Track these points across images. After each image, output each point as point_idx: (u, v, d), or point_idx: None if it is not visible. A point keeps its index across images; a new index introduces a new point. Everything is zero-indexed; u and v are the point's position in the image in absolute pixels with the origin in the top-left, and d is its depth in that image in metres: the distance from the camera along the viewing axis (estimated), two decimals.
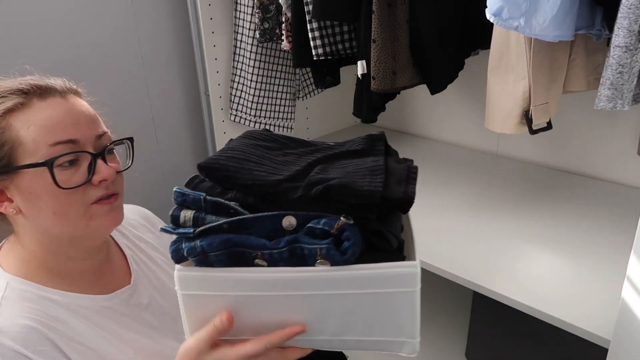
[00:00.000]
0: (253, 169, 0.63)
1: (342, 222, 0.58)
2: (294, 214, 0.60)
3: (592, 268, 0.95)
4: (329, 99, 1.72)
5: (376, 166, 0.64)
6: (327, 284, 0.61)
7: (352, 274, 0.60)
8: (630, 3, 0.71)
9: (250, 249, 0.60)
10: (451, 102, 1.59)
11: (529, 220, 1.13)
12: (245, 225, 0.60)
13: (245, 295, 0.62)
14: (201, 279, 0.62)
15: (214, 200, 0.61)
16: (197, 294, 0.63)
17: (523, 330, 1.20)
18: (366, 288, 0.61)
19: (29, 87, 0.68)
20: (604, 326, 0.78)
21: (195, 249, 0.59)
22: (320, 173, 0.63)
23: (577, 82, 1.00)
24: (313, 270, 0.60)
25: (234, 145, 0.69)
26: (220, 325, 0.61)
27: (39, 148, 0.66)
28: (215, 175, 0.63)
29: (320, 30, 1.25)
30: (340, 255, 0.59)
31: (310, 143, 0.77)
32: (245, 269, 0.60)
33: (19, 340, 0.63)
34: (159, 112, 1.53)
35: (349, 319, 0.64)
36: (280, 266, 0.60)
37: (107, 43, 1.38)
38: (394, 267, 0.60)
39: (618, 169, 1.30)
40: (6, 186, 0.68)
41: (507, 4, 0.78)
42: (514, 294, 0.88)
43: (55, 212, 0.68)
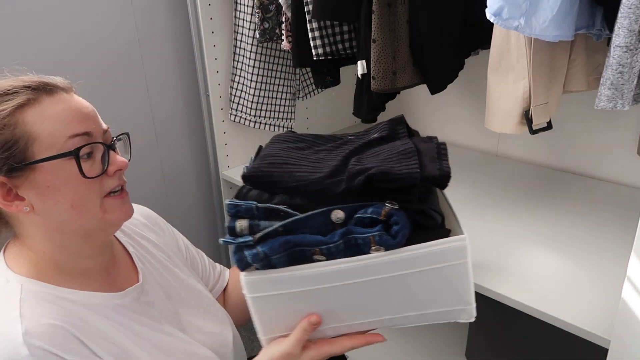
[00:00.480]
0: (294, 171, 0.67)
1: (388, 208, 0.62)
2: (341, 207, 0.64)
3: (592, 268, 0.95)
4: (329, 99, 1.72)
5: (407, 149, 0.68)
6: (385, 268, 0.65)
7: (406, 255, 0.64)
8: (630, 3, 0.71)
9: (308, 246, 0.64)
10: (451, 102, 1.59)
11: (529, 220, 1.13)
12: (299, 225, 0.65)
13: (310, 289, 0.66)
14: (267, 280, 0.66)
15: (265, 207, 0.66)
16: (264, 295, 0.67)
17: (523, 330, 1.20)
18: (421, 266, 0.65)
19: (35, 83, 0.68)
20: (604, 326, 0.78)
21: (258, 255, 0.64)
22: (358, 164, 0.66)
23: (577, 82, 1.00)
24: (370, 257, 0.64)
25: (269, 151, 0.73)
26: (309, 327, 0.69)
27: (56, 141, 0.67)
28: (260, 182, 0.67)
29: (320, 30, 1.25)
30: (392, 239, 0.63)
31: (336, 137, 0.81)
32: (307, 265, 0.65)
33: (47, 339, 0.63)
34: (159, 112, 1.53)
35: (409, 296, 0.68)
36: (337, 258, 0.64)
37: (107, 43, 1.38)
38: (445, 243, 0.64)
39: (618, 169, 1.30)
40: (18, 184, 0.67)
41: (507, 4, 0.78)
42: (514, 294, 0.88)
43: (73, 204, 0.69)
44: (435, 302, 0.70)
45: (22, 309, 0.64)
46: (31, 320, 0.63)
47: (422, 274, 0.66)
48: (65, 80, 0.73)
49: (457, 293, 0.69)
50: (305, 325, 0.69)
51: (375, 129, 0.80)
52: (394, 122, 0.81)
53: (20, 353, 0.60)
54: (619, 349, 0.72)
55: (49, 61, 1.28)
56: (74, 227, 0.71)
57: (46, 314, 0.66)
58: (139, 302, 0.78)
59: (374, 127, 0.81)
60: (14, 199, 0.68)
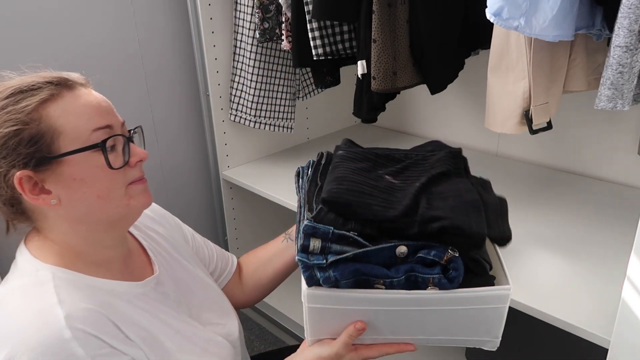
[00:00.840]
0: (371, 203, 0.73)
1: (450, 254, 0.69)
2: (406, 244, 0.71)
3: (592, 268, 0.95)
4: (329, 99, 1.72)
5: (474, 201, 0.74)
6: (435, 303, 0.73)
7: (457, 296, 0.72)
8: (630, 3, 0.71)
9: (374, 277, 0.71)
10: (451, 102, 1.59)
11: (529, 220, 1.13)
12: (368, 255, 0.71)
13: (364, 309, 0.74)
14: (328, 297, 0.73)
15: (339, 233, 0.71)
16: (321, 307, 0.74)
17: (523, 330, 1.20)
18: (466, 305, 0.73)
19: (56, 79, 0.70)
20: (604, 326, 0.78)
21: (329, 279, 0.71)
22: (430, 209, 0.72)
23: (577, 82, 1.00)
24: (425, 293, 0.71)
25: (342, 173, 0.80)
26: (355, 333, 0.75)
27: (81, 135, 0.69)
28: (339, 209, 0.73)
29: (320, 30, 1.25)
30: (448, 283, 0.70)
31: (394, 157, 0.88)
32: (368, 290, 0.72)
33: (88, 323, 0.65)
34: (159, 112, 1.53)
35: (447, 326, 0.76)
36: (395, 289, 0.72)
37: (107, 43, 1.38)
38: (493, 290, 0.72)
39: (618, 169, 1.30)
40: (44, 178, 0.69)
41: (507, 4, 0.78)
42: (514, 294, 0.88)
43: (99, 195, 0.71)
44: (469, 332, 0.77)
45: (59, 294, 0.66)
46: (71, 305, 0.66)
47: (465, 311, 0.73)
48: (82, 75, 0.75)
49: (490, 328, 0.76)
50: (352, 330, 0.75)
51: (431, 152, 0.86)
52: (453, 155, 0.86)
53: (63, 336, 0.63)
54: (619, 349, 0.72)
55: (49, 61, 1.28)
56: (99, 217, 0.74)
57: (82, 299, 0.68)
58: (156, 292, 0.81)
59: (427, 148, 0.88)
60: (40, 192, 0.69)
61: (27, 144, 0.67)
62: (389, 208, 0.73)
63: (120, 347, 0.68)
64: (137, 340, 0.71)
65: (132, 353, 0.69)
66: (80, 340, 0.63)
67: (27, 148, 0.67)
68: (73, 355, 0.63)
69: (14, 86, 0.69)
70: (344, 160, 0.84)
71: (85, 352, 0.64)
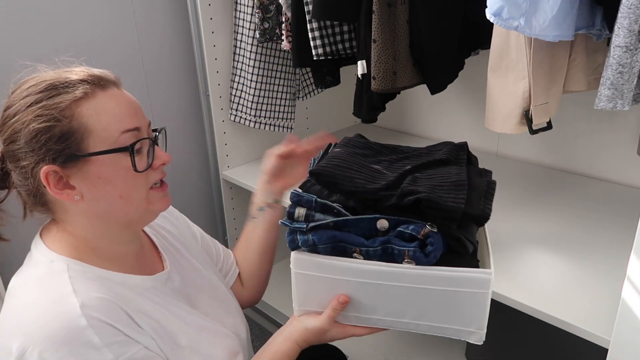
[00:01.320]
0: (354, 177, 0.77)
1: (427, 229, 0.70)
2: (387, 217, 0.73)
3: (592, 268, 0.95)
4: (329, 99, 1.72)
5: (460, 181, 0.75)
6: (411, 279, 0.73)
7: (433, 273, 0.72)
8: (630, 3, 0.71)
9: (351, 245, 0.74)
10: (451, 102, 1.59)
11: (529, 220, 1.13)
12: (348, 224, 0.74)
13: (344, 279, 0.76)
14: (310, 262, 0.77)
15: (323, 202, 0.75)
16: (306, 273, 0.78)
17: (523, 330, 1.20)
18: (444, 286, 0.73)
19: (91, 77, 0.71)
20: (604, 326, 0.78)
21: (307, 241, 0.75)
22: (411, 184, 0.74)
23: (577, 82, 1.00)
24: (401, 266, 0.73)
25: (337, 153, 0.84)
26: (339, 306, 0.78)
27: (110, 135, 0.70)
28: (323, 180, 0.77)
29: (320, 30, 1.25)
30: (424, 258, 0.71)
31: (400, 149, 0.91)
32: (346, 259, 0.75)
33: (103, 312, 0.67)
34: (159, 112, 1.53)
35: (427, 308, 0.76)
36: (373, 260, 0.74)
37: (107, 43, 1.38)
38: (472, 272, 0.71)
39: (618, 169, 1.30)
40: (70, 174, 0.70)
41: (507, 4, 0.78)
42: (514, 294, 0.88)
43: (121, 195, 0.73)
44: (450, 319, 0.77)
45: (74, 284, 0.68)
46: (85, 294, 0.67)
47: (444, 292, 0.73)
48: (114, 74, 0.77)
49: (472, 317, 0.76)
50: (335, 304, 0.79)
51: (437, 149, 0.88)
52: (457, 147, 0.88)
53: (79, 324, 0.64)
54: (619, 349, 0.72)
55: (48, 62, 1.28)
56: (118, 216, 0.75)
57: (96, 289, 0.69)
58: (166, 286, 0.82)
59: (438, 146, 0.90)
60: (65, 187, 0.71)
61: (57, 141, 0.68)
62: (372, 182, 0.76)
63: (134, 336, 0.69)
64: (149, 330, 0.72)
65: (144, 342, 0.71)
66: (95, 328, 0.65)
67: (57, 144, 0.68)
68: (89, 342, 0.64)
69: (49, 81, 0.70)
70: (343, 146, 0.89)
71: (101, 340, 0.65)
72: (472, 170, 0.85)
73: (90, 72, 0.73)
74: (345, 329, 0.82)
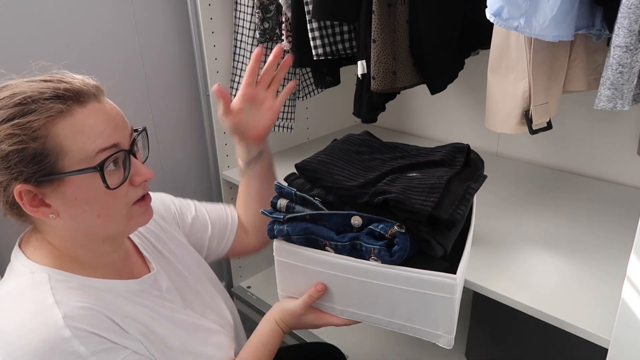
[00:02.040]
0: (335, 173, 0.80)
1: (394, 229, 0.72)
2: (361, 215, 0.75)
3: (592, 268, 0.95)
4: (329, 99, 1.72)
5: (437, 184, 0.76)
6: (378, 276, 0.76)
7: (397, 273, 0.74)
8: (630, 3, 0.71)
9: (322, 238, 0.77)
10: (451, 102, 1.59)
11: (529, 220, 1.13)
12: (322, 218, 0.77)
13: (318, 270, 0.80)
14: (288, 250, 0.81)
15: (302, 196, 0.79)
16: (285, 261, 0.83)
17: (523, 330, 1.20)
18: (409, 286, 0.75)
19: (66, 92, 0.67)
20: (604, 326, 0.78)
21: (282, 231, 0.79)
22: (387, 184, 0.76)
23: (577, 82, 1.00)
24: (367, 263, 0.75)
25: (329, 149, 0.88)
26: (315, 294, 0.82)
27: (86, 155, 0.67)
28: (305, 174, 0.82)
29: (320, 30, 1.25)
30: (389, 257, 0.73)
31: (401, 148, 0.93)
32: (319, 251, 0.79)
33: (86, 321, 0.66)
34: (159, 112, 1.53)
35: (395, 306, 0.78)
36: (343, 255, 0.77)
37: (107, 43, 1.38)
38: (434, 275, 0.72)
39: (618, 169, 1.30)
40: (45, 192, 0.67)
41: (507, 4, 0.78)
42: (514, 294, 0.88)
43: (100, 214, 0.71)
44: (418, 320, 0.78)
45: (56, 295, 0.66)
46: (67, 305, 0.66)
47: (410, 292, 0.75)
48: (94, 81, 0.72)
49: (439, 320, 0.77)
50: (312, 291, 0.82)
51: (440, 149, 0.90)
52: (455, 150, 0.89)
53: (63, 335, 0.63)
54: (619, 349, 0.72)
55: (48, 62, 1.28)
56: (97, 232, 0.73)
57: (78, 299, 0.68)
58: (154, 288, 0.82)
59: (443, 147, 0.91)
60: (40, 204, 0.68)
61: (29, 162, 0.65)
62: (351, 180, 0.79)
63: (121, 342, 0.69)
64: (137, 334, 0.71)
65: (132, 346, 0.70)
66: (80, 338, 0.64)
67: (29, 166, 0.65)
68: (75, 353, 0.63)
69: (23, 94, 0.65)
70: (339, 142, 0.92)
71: (87, 349, 0.64)
72: (464, 173, 0.85)
73: (68, 84, 0.68)
74: (322, 316, 0.86)
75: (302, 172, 0.82)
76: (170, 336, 0.77)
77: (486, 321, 1.29)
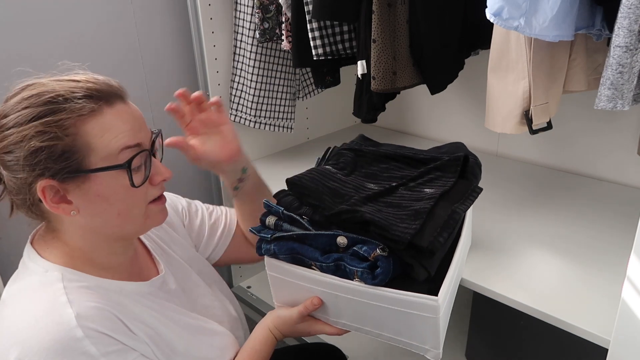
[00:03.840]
0: (324, 192, 0.82)
1: (377, 253, 0.73)
2: (346, 235, 0.77)
3: (592, 268, 0.95)
4: (329, 99, 1.72)
5: (421, 210, 0.78)
6: (363, 295, 0.77)
7: (381, 293, 0.75)
8: (630, 3, 0.71)
9: (308, 259, 0.79)
10: (451, 102, 1.59)
11: (529, 220, 1.13)
12: (309, 238, 0.79)
13: (308, 287, 0.83)
14: (278, 267, 0.84)
15: (289, 214, 0.81)
16: (277, 276, 0.85)
17: (523, 330, 1.20)
18: (393, 305, 0.76)
19: (96, 93, 0.69)
20: (604, 326, 0.78)
21: (269, 250, 0.81)
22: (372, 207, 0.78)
23: (577, 82, 1.00)
24: (351, 283, 0.77)
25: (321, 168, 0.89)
26: (310, 306, 0.84)
27: (111, 153, 0.69)
28: (295, 190, 0.83)
29: (320, 30, 1.25)
30: (371, 280, 0.75)
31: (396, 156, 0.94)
32: (305, 269, 0.81)
33: (98, 321, 0.66)
34: (159, 112, 1.52)
35: (383, 322, 0.80)
36: (328, 274, 0.79)
37: (107, 42, 1.38)
38: (416, 297, 0.74)
39: (618, 169, 1.30)
40: (67, 189, 0.68)
41: (507, 4, 0.78)
42: (514, 294, 0.88)
43: (119, 212, 0.72)
44: (406, 335, 0.80)
45: (68, 294, 0.67)
46: (80, 304, 0.66)
47: (394, 311, 0.76)
48: (118, 83, 0.74)
49: (425, 336, 0.78)
50: (308, 303, 0.84)
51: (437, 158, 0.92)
52: (452, 161, 0.90)
53: (75, 335, 0.63)
54: (619, 349, 0.72)
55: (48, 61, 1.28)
56: (113, 231, 0.74)
57: (90, 299, 0.68)
58: (162, 290, 0.82)
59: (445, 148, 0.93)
60: (61, 201, 0.69)
61: (58, 158, 0.66)
62: (340, 199, 0.82)
63: (130, 343, 0.69)
64: (144, 337, 0.72)
65: (140, 349, 0.70)
66: (92, 339, 0.64)
67: (57, 162, 0.66)
68: (86, 353, 0.64)
69: (52, 93, 0.67)
70: (333, 157, 0.95)
71: (98, 350, 0.64)
72: (455, 190, 0.85)
73: (96, 84, 0.70)
74: (316, 324, 0.87)
75: (292, 187, 0.83)
76: (176, 340, 0.77)
77: (486, 321, 1.29)
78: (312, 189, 0.81)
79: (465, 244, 0.92)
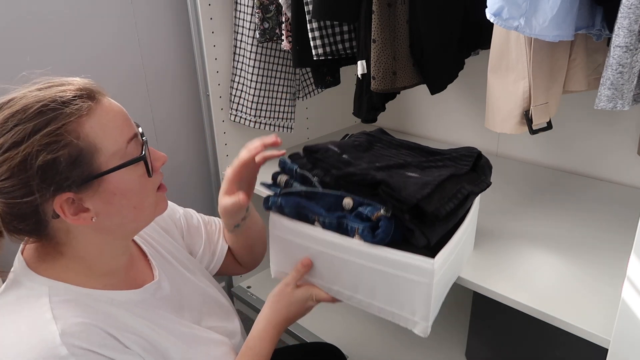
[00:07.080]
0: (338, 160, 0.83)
1: (380, 213, 0.75)
2: (352, 197, 0.79)
3: (592, 268, 0.95)
4: (329, 99, 1.72)
5: (432, 180, 0.79)
6: (359, 255, 0.79)
7: (376, 252, 0.77)
8: (630, 3, 0.71)
9: (311, 212, 0.82)
10: (451, 102, 1.59)
11: (529, 220, 1.13)
12: (316, 196, 0.82)
13: (307, 245, 0.85)
14: (283, 225, 0.86)
15: (302, 173, 0.85)
16: (279, 235, 0.88)
17: (523, 330, 1.20)
18: (387, 267, 0.77)
19: (83, 92, 0.66)
20: (604, 326, 0.78)
21: (276, 203, 0.84)
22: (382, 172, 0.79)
23: (577, 82, 1.00)
24: (350, 240, 0.79)
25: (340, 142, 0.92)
26: (301, 268, 0.86)
27: (119, 148, 0.68)
28: (309, 154, 0.86)
29: (320, 30, 1.25)
30: (371, 237, 0.76)
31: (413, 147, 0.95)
32: (309, 226, 0.83)
33: (84, 338, 0.64)
34: (159, 112, 1.53)
35: (375, 288, 0.81)
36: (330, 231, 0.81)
37: (107, 43, 1.38)
38: (411, 257, 0.75)
39: (618, 169, 1.30)
40: (83, 197, 0.66)
41: (507, 4, 0.78)
42: (514, 294, 0.88)
43: (135, 205, 0.72)
44: (395, 303, 0.81)
45: (54, 310, 0.65)
46: (65, 321, 0.64)
47: (388, 274, 0.77)
48: (94, 82, 0.71)
49: (416, 305, 0.78)
50: (299, 266, 0.86)
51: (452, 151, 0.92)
52: (465, 152, 0.91)
53: (59, 353, 0.61)
54: (619, 349, 0.72)
55: (48, 63, 1.28)
56: (130, 227, 0.74)
57: (77, 314, 0.66)
58: (155, 297, 0.80)
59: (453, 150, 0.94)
60: (79, 211, 0.67)
61: (71, 166, 0.63)
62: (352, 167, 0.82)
63: (120, 357, 0.67)
64: (136, 348, 0.70)
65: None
66: (77, 357, 0.62)
67: (72, 171, 0.64)
68: None
69: (41, 101, 0.63)
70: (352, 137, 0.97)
71: None
72: (465, 176, 0.86)
73: (80, 84, 0.68)
74: (312, 289, 0.87)
75: (307, 151, 0.86)
76: (172, 349, 0.75)
77: (486, 321, 1.29)
78: (326, 155, 0.84)
79: (471, 228, 0.93)
